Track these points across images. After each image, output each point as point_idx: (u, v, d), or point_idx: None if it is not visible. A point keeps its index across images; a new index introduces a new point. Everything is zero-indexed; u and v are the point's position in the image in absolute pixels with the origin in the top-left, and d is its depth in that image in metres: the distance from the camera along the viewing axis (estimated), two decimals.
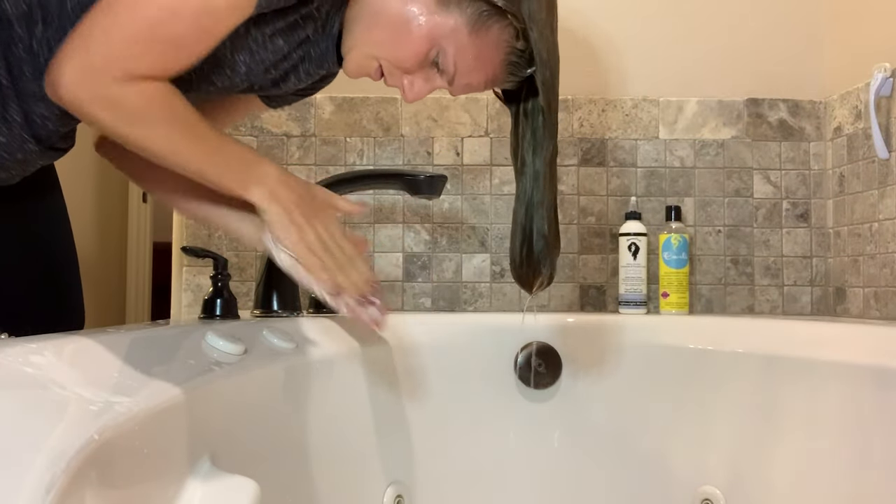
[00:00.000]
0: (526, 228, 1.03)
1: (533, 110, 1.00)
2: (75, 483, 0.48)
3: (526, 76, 0.96)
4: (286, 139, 1.73)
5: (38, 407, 0.56)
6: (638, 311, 1.60)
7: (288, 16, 0.90)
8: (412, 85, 0.95)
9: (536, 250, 1.04)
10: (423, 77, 0.95)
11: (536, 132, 1.00)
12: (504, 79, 0.96)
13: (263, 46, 0.92)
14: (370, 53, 0.94)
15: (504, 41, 0.92)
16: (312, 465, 1.09)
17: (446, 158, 1.74)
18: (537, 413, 1.41)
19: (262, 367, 0.99)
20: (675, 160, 1.75)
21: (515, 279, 1.08)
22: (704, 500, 1.31)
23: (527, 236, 1.03)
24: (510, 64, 0.94)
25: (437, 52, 0.92)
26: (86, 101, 0.81)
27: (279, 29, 0.91)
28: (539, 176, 1.01)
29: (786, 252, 1.75)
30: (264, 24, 0.89)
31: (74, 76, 0.80)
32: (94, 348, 0.73)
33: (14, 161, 0.94)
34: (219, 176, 0.90)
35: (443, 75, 0.94)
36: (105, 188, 3.29)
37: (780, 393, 1.24)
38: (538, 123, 1.00)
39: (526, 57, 0.94)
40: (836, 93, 1.71)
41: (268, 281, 1.35)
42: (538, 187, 1.02)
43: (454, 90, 0.97)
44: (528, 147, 1.01)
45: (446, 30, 0.90)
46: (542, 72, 0.95)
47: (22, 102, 0.90)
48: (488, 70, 0.94)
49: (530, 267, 1.05)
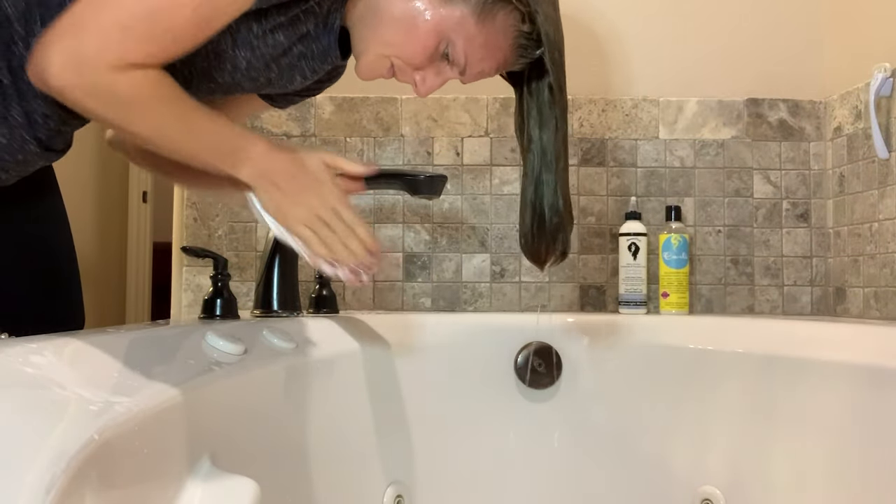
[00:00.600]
0: (535, 204, 1.03)
1: (538, 88, 1.00)
2: (75, 483, 0.48)
3: (535, 57, 0.96)
4: (286, 139, 1.73)
5: (38, 407, 0.56)
6: (638, 311, 1.60)
7: (289, 11, 0.90)
8: (424, 80, 0.95)
9: (549, 226, 1.03)
10: (434, 71, 0.95)
11: (542, 109, 1.01)
12: (514, 62, 0.97)
13: (264, 41, 0.91)
14: (381, 53, 0.94)
15: (511, 26, 0.93)
16: (312, 465, 1.09)
17: (446, 158, 1.74)
18: (537, 413, 1.41)
19: (262, 367, 0.99)
20: (675, 160, 1.75)
21: (527, 256, 1.08)
22: (704, 500, 1.31)
23: (537, 212, 1.03)
24: (519, 47, 0.94)
25: (447, 45, 0.92)
26: (74, 88, 0.79)
27: (279, 23, 0.90)
28: (547, 151, 1.01)
29: (786, 252, 1.75)
30: (265, 19, 0.89)
31: (64, 62, 0.78)
32: (94, 348, 0.73)
33: (14, 162, 0.94)
34: (209, 158, 0.90)
35: (453, 67, 0.94)
36: (105, 188, 3.29)
37: (780, 393, 1.24)
38: (544, 100, 1.00)
39: (534, 38, 0.94)
40: (836, 93, 1.71)
41: (268, 281, 1.35)
42: (546, 163, 1.02)
43: (466, 79, 0.97)
44: (535, 124, 1.01)
45: (453, 22, 0.91)
46: (550, 51, 0.96)
47: (24, 102, 0.89)
48: (498, 56, 0.94)
49: (542, 243, 1.05)
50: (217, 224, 1.72)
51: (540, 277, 1.73)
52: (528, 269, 1.73)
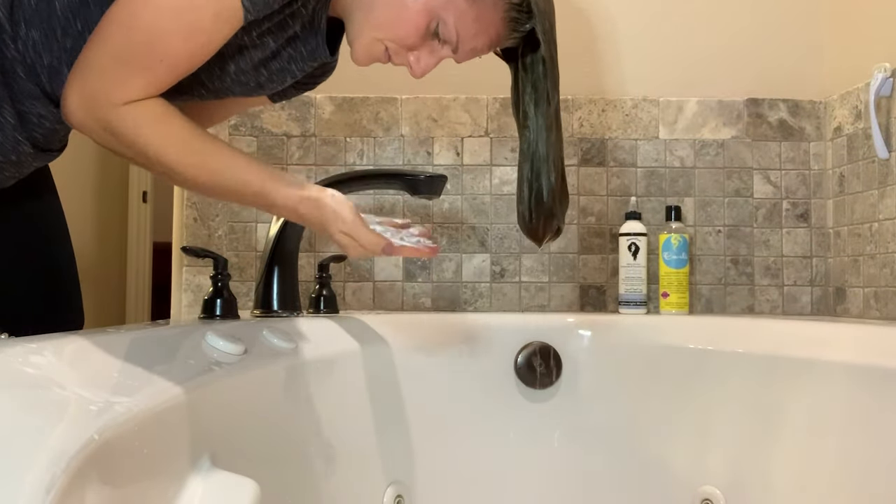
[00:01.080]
0: (532, 183, 1.03)
1: (532, 63, 1.00)
2: (75, 483, 0.48)
3: (528, 31, 0.96)
4: (286, 139, 1.73)
5: (38, 407, 0.56)
6: (638, 311, 1.60)
7: (275, 16, 0.90)
8: (418, 60, 0.95)
9: (546, 203, 1.03)
10: (428, 50, 0.95)
11: (537, 84, 1.01)
12: (507, 36, 0.96)
13: (252, 47, 0.92)
14: (374, 37, 0.94)
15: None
16: (312, 464, 1.09)
17: (446, 158, 1.74)
18: (537, 413, 1.41)
19: (262, 367, 0.99)
20: (675, 160, 1.75)
21: (525, 233, 1.08)
22: (704, 500, 1.31)
23: (534, 190, 1.03)
24: (511, 21, 0.94)
25: (438, 23, 0.92)
26: (88, 125, 0.85)
27: (267, 29, 0.91)
28: (542, 128, 1.01)
29: (786, 252, 1.75)
30: (254, 29, 0.90)
31: (77, 102, 0.84)
32: (94, 348, 0.73)
33: (8, 162, 0.94)
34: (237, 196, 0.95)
35: (446, 45, 0.94)
36: (105, 188, 3.30)
37: (780, 393, 1.24)
38: (538, 75, 1.00)
39: (524, 10, 0.94)
40: (836, 93, 1.71)
41: (268, 281, 1.35)
42: (542, 139, 1.02)
43: (459, 57, 0.97)
44: (530, 100, 1.02)
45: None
46: (541, 23, 0.96)
47: (16, 103, 0.90)
48: (490, 31, 0.94)
49: (540, 220, 1.05)
50: (217, 224, 1.72)
51: (540, 277, 1.73)
52: (528, 270, 1.73)
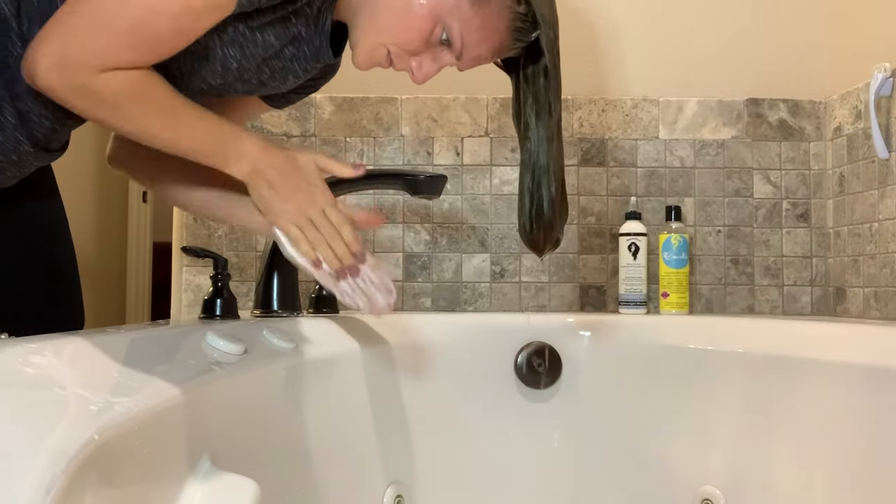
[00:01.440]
0: (534, 194, 1.03)
1: (534, 74, 1.00)
2: (75, 483, 0.48)
3: (531, 40, 0.96)
4: (286, 139, 1.73)
5: (38, 407, 0.56)
6: (638, 311, 1.60)
7: (277, 11, 0.90)
8: (420, 66, 0.95)
9: (547, 215, 1.03)
10: (431, 56, 0.95)
11: (539, 95, 1.01)
12: (510, 45, 0.96)
13: (253, 42, 0.92)
14: (377, 41, 0.93)
15: (506, 7, 0.93)
16: (312, 465, 1.09)
17: (446, 158, 1.74)
18: (537, 413, 1.41)
19: (262, 367, 0.99)
20: (675, 160, 1.75)
21: (526, 244, 1.08)
22: (704, 500, 1.31)
23: (535, 201, 1.03)
24: (515, 30, 0.94)
25: (443, 30, 0.92)
26: (60, 88, 0.83)
27: (267, 23, 0.91)
28: (544, 139, 1.01)
29: (786, 252, 1.75)
30: (250, 19, 0.89)
31: (50, 64, 0.81)
32: (94, 348, 0.73)
33: (9, 162, 0.94)
34: (202, 155, 0.91)
35: (450, 52, 0.94)
36: (105, 189, 3.30)
37: (780, 393, 1.24)
38: (540, 86, 1.00)
39: (529, 20, 0.94)
40: (836, 93, 1.71)
41: (268, 281, 1.35)
42: (544, 150, 1.02)
43: (462, 65, 0.96)
44: (531, 111, 1.01)
45: (448, 5, 0.91)
46: (546, 33, 0.95)
47: (17, 102, 0.90)
48: (494, 39, 0.94)
49: (541, 231, 1.05)
50: (217, 224, 1.72)
51: (540, 277, 1.73)
52: (528, 270, 1.73)
